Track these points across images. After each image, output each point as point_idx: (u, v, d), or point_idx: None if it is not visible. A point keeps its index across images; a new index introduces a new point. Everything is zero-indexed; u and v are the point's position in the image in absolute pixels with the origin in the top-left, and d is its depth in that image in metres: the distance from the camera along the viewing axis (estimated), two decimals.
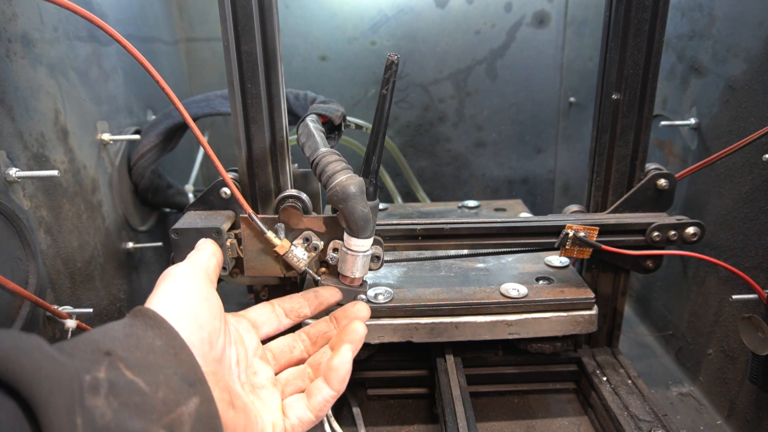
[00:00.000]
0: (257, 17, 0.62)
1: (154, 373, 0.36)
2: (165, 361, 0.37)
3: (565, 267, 0.80)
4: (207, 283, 0.48)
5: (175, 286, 0.46)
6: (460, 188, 1.39)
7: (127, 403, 0.33)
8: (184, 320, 0.42)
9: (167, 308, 0.42)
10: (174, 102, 0.60)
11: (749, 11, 0.75)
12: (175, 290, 0.45)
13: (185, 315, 0.43)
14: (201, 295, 0.46)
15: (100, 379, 0.33)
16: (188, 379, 0.38)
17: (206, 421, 0.38)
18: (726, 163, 0.79)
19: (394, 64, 0.56)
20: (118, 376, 0.34)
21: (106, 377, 0.33)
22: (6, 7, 0.63)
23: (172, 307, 0.43)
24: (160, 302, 0.43)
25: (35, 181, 0.67)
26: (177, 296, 0.44)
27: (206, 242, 0.58)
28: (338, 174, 0.60)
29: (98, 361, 0.34)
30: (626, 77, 0.70)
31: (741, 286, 0.72)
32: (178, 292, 0.45)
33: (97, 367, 0.33)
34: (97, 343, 0.35)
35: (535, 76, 1.30)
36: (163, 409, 0.35)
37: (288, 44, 1.24)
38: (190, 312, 0.43)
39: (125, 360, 0.35)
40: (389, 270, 0.81)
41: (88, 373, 0.32)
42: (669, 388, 0.88)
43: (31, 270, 0.65)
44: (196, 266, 0.50)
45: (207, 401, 0.38)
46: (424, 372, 0.82)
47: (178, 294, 0.45)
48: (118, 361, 0.34)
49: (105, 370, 0.33)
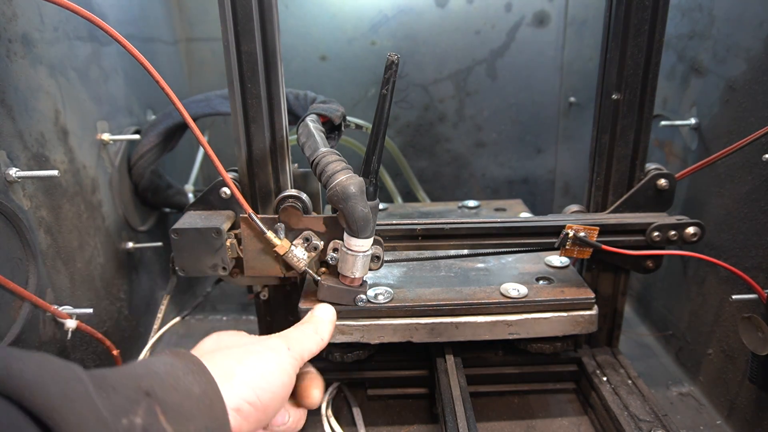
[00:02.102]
0: (257, 17, 0.62)
1: (184, 422, 0.36)
2: (198, 411, 0.37)
3: (565, 267, 0.80)
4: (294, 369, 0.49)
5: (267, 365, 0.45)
6: (460, 188, 1.39)
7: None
8: (260, 389, 0.43)
9: (245, 388, 0.42)
10: (174, 102, 0.60)
11: (749, 11, 0.75)
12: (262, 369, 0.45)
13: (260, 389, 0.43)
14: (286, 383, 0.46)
15: (137, 426, 0.33)
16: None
17: None
18: (726, 163, 0.79)
19: (394, 64, 0.56)
20: (153, 422, 0.34)
21: (142, 423, 0.33)
22: (6, 7, 0.63)
23: (249, 391, 0.42)
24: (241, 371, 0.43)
25: (35, 181, 0.67)
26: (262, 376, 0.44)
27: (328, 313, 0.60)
28: (338, 174, 0.60)
29: (137, 402, 0.34)
30: (626, 77, 0.70)
31: (741, 286, 0.72)
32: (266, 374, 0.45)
33: (135, 412, 0.33)
34: (139, 380, 0.35)
35: (535, 76, 1.30)
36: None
37: (288, 44, 1.24)
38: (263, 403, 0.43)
39: (163, 404, 0.35)
40: (389, 270, 0.81)
41: (125, 416, 0.32)
42: (669, 388, 0.88)
43: (31, 270, 0.65)
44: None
45: None
46: (424, 372, 0.82)
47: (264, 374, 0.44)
48: (155, 405, 0.34)
49: (142, 416, 0.33)
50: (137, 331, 0.94)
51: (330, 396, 0.81)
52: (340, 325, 0.70)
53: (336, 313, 0.62)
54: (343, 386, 0.83)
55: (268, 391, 0.43)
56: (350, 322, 0.71)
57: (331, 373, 0.83)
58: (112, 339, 0.76)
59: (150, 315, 0.98)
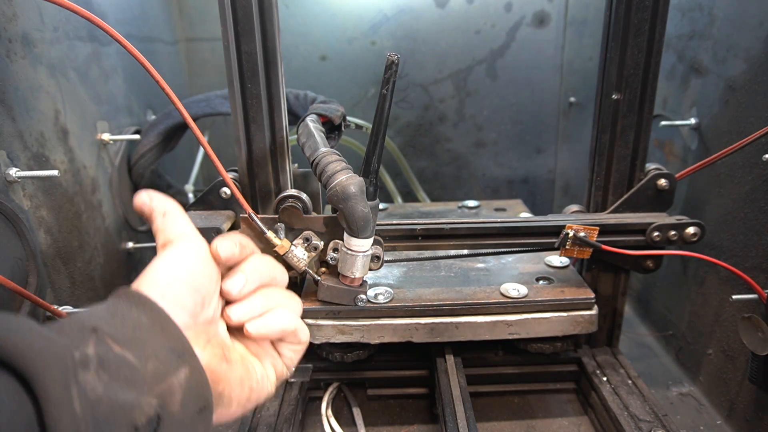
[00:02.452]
0: (257, 17, 0.62)
1: (141, 347, 0.36)
2: (152, 336, 0.38)
3: (565, 267, 0.80)
4: (206, 247, 0.47)
5: (172, 255, 0.45)
6: (460, 188, 1.39)
7: (117, 377, 0.34)
8: (174, 287, 0.42)
9: (155, 285, 0.42)
10: (174, 102, 0.60)
11: (749, 11, 0.75)
12: (170, 260, 0.44)
13: (176, 282, 0.43)
14: (201, 257, 0.46)
15: (90, 355, 0.33)
16: (176, 351, 0.38)
17: (196, 389, 0.39)
18: (726, 163, 0.79)
19: (394, 64, 0.56)
20: (107, 351, 0.34)
21: (95, 352, 0.33)
22: (6, 7, 0.63)
23: (162, 282, 0.42)
24: (149, 280, 0.43)
25: (35, 181, 0.67)
26: (169, 267, 0.44)
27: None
28: (338, 174, 0.60)
29: (86, 338, 0.34)
30: (626, 77, 0.70)
31: (741, 286, 0.72)
32: (174, 262, 0.44)
33: (86, 343, 0.34)
34: (82, 322, 0.36)
35: (535, 76, 1.30)
36: (153, 380, 0.36)
37: (288, 44, 1.24)
38: (183, 277, 0.43)
39: (112, 336, 0.35)
40: (389, 270, 0.81)
41: (77, 349, 0.33)
42: (669, 388, 0.88)
43: (31, 270, 0.65)
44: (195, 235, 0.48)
45: (196, 371, 0.39)
46: (424, 372, 0.82)
47: (171, 264, 0.44)
48: (105, 337, 0.35)
49: (93, 346, 0.34)
50: None
51: (330, 396, 0.81)
52: (340, 325, 0.71)
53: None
54: (343, 386, 0.83)
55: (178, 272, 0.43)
56: (350, 322, 0.71)
57: (331, 373, 0.83)
58: None
59: None
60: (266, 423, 0.70)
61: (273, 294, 0.49)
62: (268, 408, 0.73)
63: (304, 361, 0.82)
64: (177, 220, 0.48)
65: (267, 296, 0.49)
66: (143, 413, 0.34)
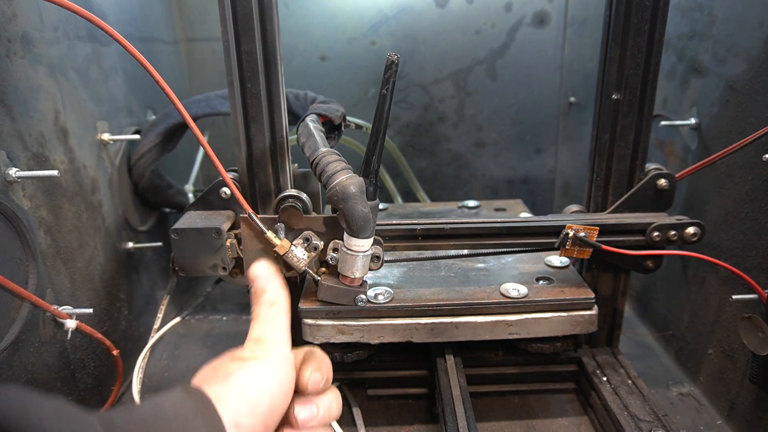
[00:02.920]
0: (257, 17, 0.62)
1: None
2: None
3: (565, 267, 0.80)
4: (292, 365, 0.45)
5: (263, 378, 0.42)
6: (460, 188, 1.38)
7: None
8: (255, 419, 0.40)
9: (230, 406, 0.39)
10: (174, 102, 0.60)
11: (749, 11, 0.75)
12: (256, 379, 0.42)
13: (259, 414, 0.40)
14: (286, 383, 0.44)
15: None
16: None
17: None
18: (726, 163, 0.79)
19: (394, 64, 0.56)
20: None
21: None
22: (6, 7, 0.63)
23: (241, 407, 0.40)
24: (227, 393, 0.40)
25: (35, 181, 0.67)
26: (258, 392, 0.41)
27: (262, 269, 0.51)
28: (338, 174, 0.60)
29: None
30: (626, 77, 0.70)
31: (741, 286, 0.72)
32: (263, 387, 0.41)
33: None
34: (147, 427, 0.34)
35: (535, 76, 1.30)
36: None
37: (288, 44, 1.24)
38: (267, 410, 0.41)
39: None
40: (389, 270, 0.81)
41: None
42: (669, 388, 0.88)
43: (31, 270, 0.65)
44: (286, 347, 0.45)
45: None
46: (424, 372, 0.82)
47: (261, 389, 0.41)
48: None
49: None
50: (137, 331, 0.94)
51: None
52: (340, 325, 0.71)
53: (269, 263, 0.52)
54: (343, 386, 0.83)
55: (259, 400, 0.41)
56: (350, 322, 0.71)
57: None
58: (112, 339, 0.76)
59: (150, 315, 0.98)
60: None
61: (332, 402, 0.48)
62: None
63: None
64: (278, 320, 0.46)
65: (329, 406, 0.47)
66: None
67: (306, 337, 0.72)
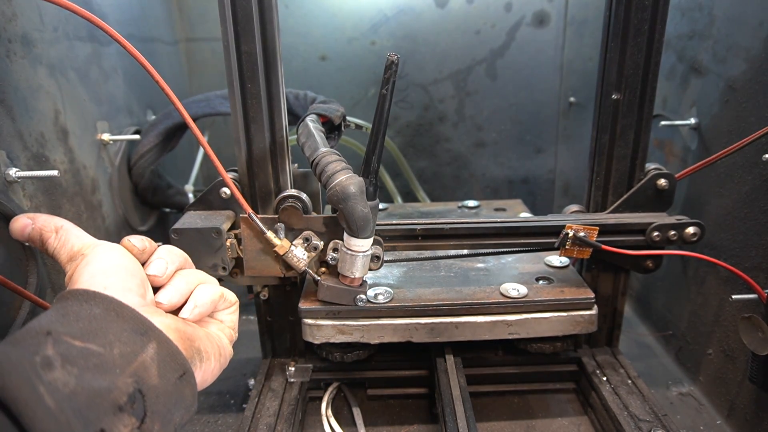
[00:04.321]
0: (257, 17, 0.62)
1: (103, 335, 0.37)
2: (109, 323, 0.39)
3: (565, 267, 0.80)
4: (119, 245, 0.50)
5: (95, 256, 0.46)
6: (460, 188, 1.39)
7: (86, 367, 0.35)
8: (114, 277, 0.44)
9: (93, 281, 0.43)
10: (174, 102, 0.60)
11: (749, 11, 0.75)
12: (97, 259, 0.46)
13: (113, 272, 0.44)
14: (121, 252, 0.48)
15: (50, 356, 0.34)
16: (138, 330, 0.40)
17: (169, 358, 0.41)
18: (726, 163, 0.79)
19: (394, 64, 0.56)
20: (68, 347, 0.35)
21: (55, 352, 0.34)
22: (6, 7, 0.63)
23: (99, 276, 0.43)
24: (85, 280, 0.43)
25: (35, 181, 0.67)
26: (100, 264, 0.45)
27: None
28: (338, 174, 0.60)
29: (42, 342, 0.35)
30: (626, 77, 0.70)
31: (741, 286, 0.72)
32: (101, 259, 0.46)
33: (44, 347, 0.34)
34: (35, 329, 0.36)
35: (535, 76, 1.30)
36: (122, 362, 0.37)
37: (288, 44, 1.24)
38: (118, 267, 0.45)
39: (70, 333, 0.36)
40: (389, 270, 0.81)
41: (36, 354, 0.34)
42: (669, 388, 0.88)
43: (31, 270, 0.65)
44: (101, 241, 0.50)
45: (164, 342, 0.41)
46: (424, 372, 0.82)
47: (100, 261, 0.45)
48: (62, 336, 0.36)
49: (52, 347, 0.35)
50: None
51: (330, 396, 0.81)
52: (340, 325, 0.71)
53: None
54: (343, 386, 0.83)
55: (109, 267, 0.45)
56: (350, 322, 0.71)
57: (331, 373, 0.83)
58: None
59: None
60: (266, 423, 0.70)
61: (189, 274, 0.52)
62: (268, 408, 0.73)
63: (304, 361, 0.83)
64: (75, 232, 0.49)
65: (185, 277, 0.51)
66: (122, 393, 0.36)
67: (306, 337, 0.72)
